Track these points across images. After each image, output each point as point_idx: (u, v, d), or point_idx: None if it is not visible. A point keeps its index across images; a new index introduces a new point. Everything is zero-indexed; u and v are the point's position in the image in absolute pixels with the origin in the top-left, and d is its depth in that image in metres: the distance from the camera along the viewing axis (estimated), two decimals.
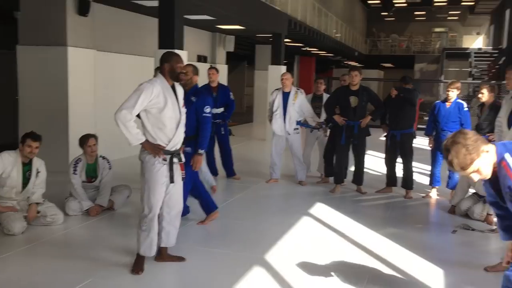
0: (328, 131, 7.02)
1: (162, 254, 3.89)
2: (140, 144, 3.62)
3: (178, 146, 3.76)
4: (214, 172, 7.22)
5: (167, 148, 3.67)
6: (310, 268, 3.95)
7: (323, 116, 6.97)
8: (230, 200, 6.14)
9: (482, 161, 2.33)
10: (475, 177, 2.41)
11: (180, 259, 3.98)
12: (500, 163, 2.33)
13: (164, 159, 3.67)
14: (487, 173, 2.38)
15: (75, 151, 6.40)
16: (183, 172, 3.81)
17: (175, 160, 3.73)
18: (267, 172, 7.25)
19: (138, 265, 3.74)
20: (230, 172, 7.29)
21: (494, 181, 2.39)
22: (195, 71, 4.81)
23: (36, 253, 4.12)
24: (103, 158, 5.44)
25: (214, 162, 7.19)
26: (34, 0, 7.14)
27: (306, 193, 6.63)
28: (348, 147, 6.53)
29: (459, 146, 2.31)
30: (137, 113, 3.58)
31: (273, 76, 11.58)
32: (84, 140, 5.26)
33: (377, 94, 6.88)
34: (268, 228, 5.05)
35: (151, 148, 3.63)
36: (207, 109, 4.59)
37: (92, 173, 5.35)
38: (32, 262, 3.95)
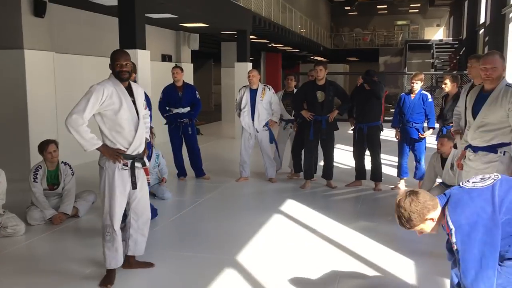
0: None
1: (130, 262, 3.76)
2: (97, 149, 3.44)
3: (140, 149, 3.60)
4: (182, 173, 7.11)
5: (128, 152, 3.49)
6: (282, 268, 3.90)
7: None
8: (200, 201, 6.03)
9: (425, 226, 2.42)
10: (418, 233, 2.50)
11: (149, 265, 3.86)
12: (443, 211, 2.42)
13: (125, 164, 3.49)
14: (430, 230, 2.47)
15: (36, 157, 6.16)
16: (148, 177, 3.67)
17: (137, 164, 3.56)
18: (237, 171, 7.18)
19: (107, 279, 3.56)
20: (199, 173, 7.17)
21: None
22: (133, 68, 4.49)
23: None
24: (65, 164, 5.24)
25: (182, 163, 7.06)
26: None
27: (276, 190, 6.58)
28: (317, 142, 6.52)
29: (403, 212, 2.38)
30: (88, 117, 3.40)
31: (239, 73, 11.50)
32: (44, 147, 5.06)
33: (344, 88, 6.89)
34: (239, 228, 4.97)
35: (109, 153, 3.45)
36: None
37: (54, 180, 5.16)
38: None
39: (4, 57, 6.87)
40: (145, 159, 3.67)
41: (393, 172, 7.01)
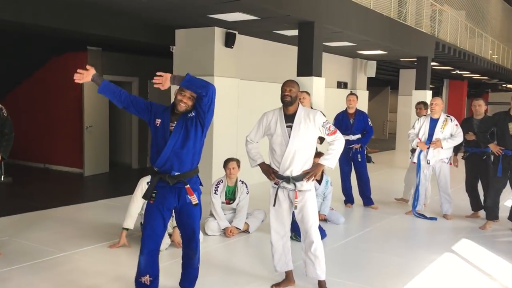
0: (459, 161, 6.62)
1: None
2: (258, 165, 3.90)
3: (291, 173, 3.74)
4: (350, 200, 7.06)
5: (279, 172, 3.77)
6: None
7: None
8: (366, 230, 5.90)
9: None
10: None
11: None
12: None
13: (276, 183, 3.79)
14: None
15: (217, 173, 6.79)
16: (297, 200, 3.74)
17: (287, 185, 3.77)
18: (409, 203, 6.83)
19: (280, 282, 4.01)
20: (367, 201, 7.04)
21: None
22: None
23: (177, 270, 4.39)
24: (242, 182, 5.65)
25: (350, 190, 7.02)
26: (187, 35, 7.86)
27: (451, 228, 6.08)
28: (506, 180, 5.86)
29: None
30: (256, 139, 3.94)
31: (417, 102, 11.00)
32: (226, 163, 5.56)
33: None
34: (406, 263, 4.72)
35: (264, 170, 3.87)
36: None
37: (230, 196, 5.60)
38: (170, 278, 4.20)
39: None
40: (299, 183, 3.75)
41: None
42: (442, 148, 6.22)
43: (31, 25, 6.61)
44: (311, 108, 6.87)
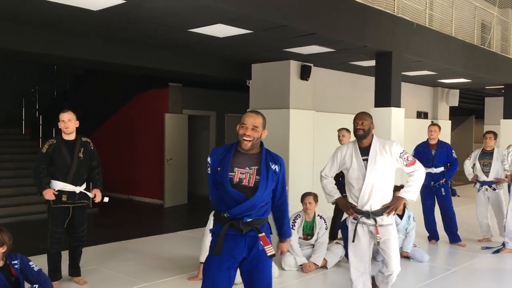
0: None
1: None
2: (335, 201, 3.85)
3: (371, 208, 3.66)
4: (434, 236, 6.67)
5: (358, 207, 3.68)
6: None
7: None
8: (453, 270, 5.51)
9: None
10: None
11: None
12: None
13: (355, 218, 3.71)
14: None
15: (293, 208, 6.69)
16: (379, 235, 3.64)
17: (366, 220, 3.67)
18: (500, 240, 6.33)
19: None
20: (453, 238, 6.60)
21: None
22: (264, 122, 3.03)
23: None
24: (321, 217, 5.53)
25: (434, 226, 6.64)
26: (263, 69, 8.00)
27: None
28: None
29: None
30: (330, 174, 3.88)
31: (506, 131, 10.38)
32: (303, 197, 5.49)
33: None
34: None
35: (342, 205, 3.80)
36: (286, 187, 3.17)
37: (308, 231, 5.48)
38: None
39: (273, 116, 7.80)
40: (380, 218, 3.65)
41: None
42: None
43: (119, 65, 7.07)
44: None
